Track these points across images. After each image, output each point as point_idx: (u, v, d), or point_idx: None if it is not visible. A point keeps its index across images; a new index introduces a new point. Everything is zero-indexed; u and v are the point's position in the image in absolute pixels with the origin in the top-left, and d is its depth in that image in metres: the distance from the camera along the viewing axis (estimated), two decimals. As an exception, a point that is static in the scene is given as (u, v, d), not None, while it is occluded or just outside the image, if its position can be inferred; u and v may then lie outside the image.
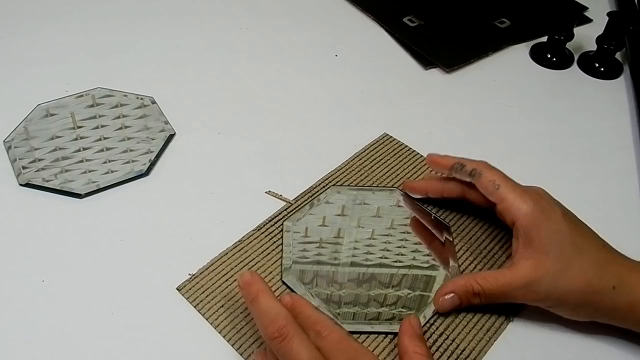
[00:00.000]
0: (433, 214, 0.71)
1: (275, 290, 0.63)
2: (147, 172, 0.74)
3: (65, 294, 0.62)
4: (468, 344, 0.60)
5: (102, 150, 0.76)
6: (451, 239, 0.69)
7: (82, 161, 0.75)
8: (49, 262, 0.65)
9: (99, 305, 0.61)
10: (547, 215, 0.59)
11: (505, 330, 0.61)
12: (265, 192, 0.73)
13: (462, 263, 0.67)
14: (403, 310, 0.62)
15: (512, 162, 0.69)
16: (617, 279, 0.57)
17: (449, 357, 0.59)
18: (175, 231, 0.69)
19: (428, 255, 0.67)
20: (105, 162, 0.75)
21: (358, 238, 0.68)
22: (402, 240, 0.69)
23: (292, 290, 0.62)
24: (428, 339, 0.60)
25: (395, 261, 0.66)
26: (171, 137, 0.79)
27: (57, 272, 0.64)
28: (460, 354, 0.59)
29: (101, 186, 0.72)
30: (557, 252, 0.58)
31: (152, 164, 0.75)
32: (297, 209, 0.71)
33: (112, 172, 0.74)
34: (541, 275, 0.57)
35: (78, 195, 0.71)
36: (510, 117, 0.85)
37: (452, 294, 0.61)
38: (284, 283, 0.63)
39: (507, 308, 0.62)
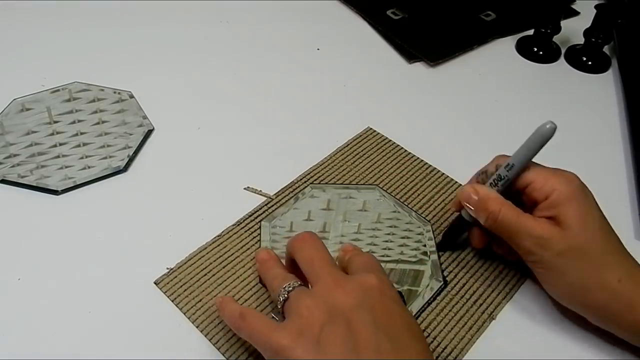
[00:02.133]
0: (414, 211, 0.70)
1: (253, 287, 0.62)
2: (125, 168, 0.73)
3: (42, 292, 0.61)
4: (450, 342, 0.59)
5: (78, 146, 0.75)
6: (433, 237, 0.68)
7: (58, 157, 0.74)
8: (25, 259, 0.64)
9: (76, 302, 0.60)
10: (584, 198, 0.58)
11: (488, 329, 0.60)
12: (244, 188, 0.71)
13: (445, 260, 0.66)
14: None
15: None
16: (625, 272, 0.56)
17: (430, 355, 0.58)
18: (153, 227, 0.68)
19: (415, 249, 0.67)
20: (82, 158, 0.73)
21: (344, 232, 0.68)
22: (389, 234, 0.68)
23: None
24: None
25: (383, 255, 0.66)
26: (150, 132, 0.78)
27: (33, 270, 0.63)
28: (442, 352, 0.58)
29: (78, 182, 0.71)
30: (578, 235, 0.56)
31: (130, 159, 0.74)
32: (278, 204, 0.70)
33: (89, 167, 0.72)
34: (559, 240, 0.56)
35: (54, 192, 0.70)
36: (496, 111, 0.85)
37: (475, 194, 0.60)
38: (261, 284, 0.62)
39: (488, 305, 0.62)
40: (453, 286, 0.64)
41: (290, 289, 0.53)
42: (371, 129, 0.80)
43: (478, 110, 0.85)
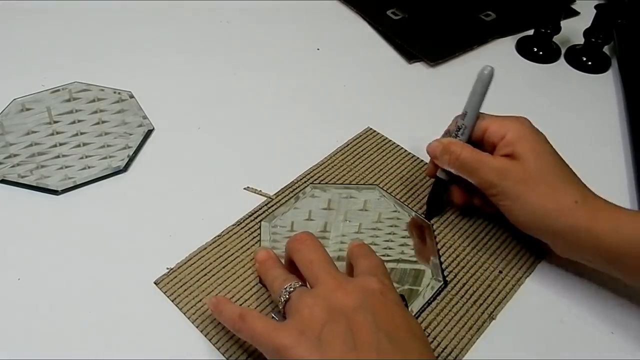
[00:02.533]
0: (414, 212, 0.70)
1: (253, 287, 0.62)
2: (125, 168, 0.73)
3: (42, 292, 0.61)
4: (450, 342, 0.59)
5: (78, 146, 0.75)
6: (432, 235, 0.68)
7: (58, 157, 0.74)
8: (25, 259, 0.64)
9: (76, 302, 0.60)
10: (534, 135, 0.63)
11: (488, 329, 0.60)
12: (244, 188, 0.71)
13: (445, 260, 0.66)
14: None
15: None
16: (581, 196, 0.60)
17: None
18: (153, 227, 0.67)
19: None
20: (82, 158, 0.73)
21: (345, 232, 0.68)
22: (389, 234, 0.68)
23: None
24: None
25: (383, 255, 0.65)
26: (150, 132, 0.78)
27: (33, 270, 0.63)
28: (442, 352, 0.58)
29: (78, 182, 0.71)
30: (533, 164, 0.61)
31: (130, 159, 0.74)
32: (278, 204, 0.70)
33: (89, 167, 0.72)
34: (516, 169, 0.61)
35: (54, 192, 0.70)
36: (496, 111, 0.84)
37: (439, 144, 0.66)
38: (261, 284, 0.62)
39: (488, 305, 0.62)
40: (453, 286, 0.63)
41: (292, 289, 0.53)
42: (371, 129, 0.80)
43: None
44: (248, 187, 0.72)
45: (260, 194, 0.71)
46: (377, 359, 0.47)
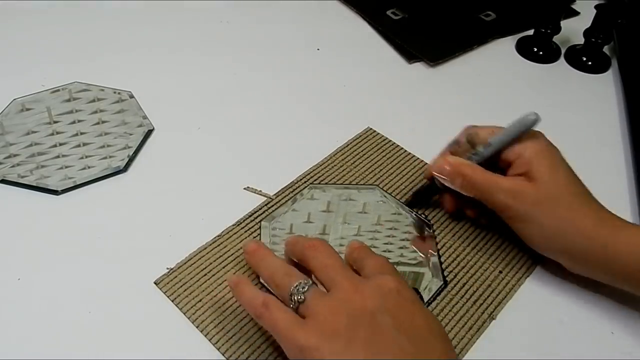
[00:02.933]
0: (414, 212, 0.70)
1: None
2: (125, 168, 0.73)
3: (42, 292, 0.61)
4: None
5: (78, 146, 0.75)
6: (433, 237, 0.68)
7: (58, 157, 0.74)
8: (25, 259, 0.64)
9: (76, 302, 0.60)
10: (551, 156, 0.62)
11: (488, 329, 0.60)
12: (244, 188, 0.71)
13: (445, 260, 0.66)
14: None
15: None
16: (597, 217, 0.59)
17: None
18: (153, 227, 0.67)
19: (415, 251, 0.67)
20: (82, 158, 0.73)
21: (344, 235, 0.68)
22: (389, 236, 0.68)
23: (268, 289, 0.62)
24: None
25: (382, 258, 0.65)
26: (150, 132, 0.78)
27: (33, 270, 0.63)
28: (442, 352, 0.58)
29: (78, 182, 0.71)
30: (549, 185, 0.60)
31: (130, 159, 0.74)
32: (278, 204, 0.70)
33: (89, 167, 0.72)
34: (532, 191, 0.60)
35: (54, 192, 0.70)
36: (496, 111, 0.84)
37: (448, 164, 0.65)
38: (261, 284, 0.62)
39: (488, 305, 0.62)
40: (453, 286, 0.63)
41: (304, 289, 0.53)
42: (371, 129, 0.80)
43: (478, 110, 0.85)
44: (248, 187, 0.72)
45: (260, 194, 0.71)
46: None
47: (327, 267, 0.55)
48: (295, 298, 0.52)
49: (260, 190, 0.71)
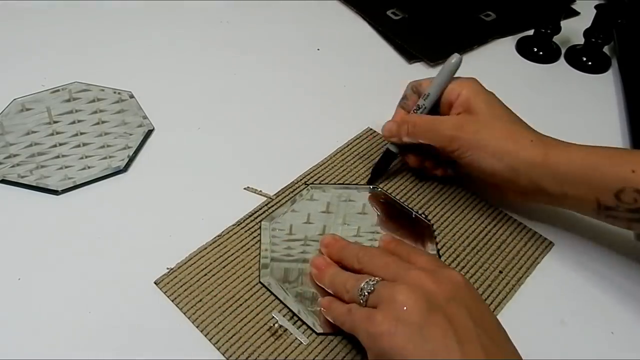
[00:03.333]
0: (414, 212, 0.70)
1: (253, 287, 0.62)
2: (125, 169, 0.73)
3: (42, 292, 0.61)
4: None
5: (78, 146, 0.75)
6: (433, 237, 0.68)
7: (58, 157, 0.74)
8: (25, 259, 0.64)
9: (76, 302, 0.60)
10: (485, 93, 0.68)
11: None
12: (244, 188, 0.71)
13: (445, 260, 0.66)
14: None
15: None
16: (535, 136, 0.64)
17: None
18: (153, 227, 0.67)
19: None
20: (82, 158, 0.73)
21: (344, 235, 0.67)
22: (387, 237, 0.68)
23: (268, 289, 0.62)
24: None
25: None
26: (150, 132, 0.78)
27: (33, 270, 0.63)
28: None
29: (78, 183, 0.71)
30: (487, 114, 0.66)
31: (130, 159, 0.74)
32: (278, 204, 0.70)
33: (89, 168, 0.72)
34: (473, 120, 0.66)
35: (55, 192, 0.70)
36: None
37: (394, 123, 0.71)
38: (261, 284, 0.62)
39: (489, 305, 0.62)
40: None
41: (374, 282, 0.53)
42: (371, 129, 0.80)
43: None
44: (248, 187, 0.72)
45: (261, 194, 0.71)
46: (485, 358, 0.48)
47: (388, 264, 0.56)
48: (365, 291, 0.53)
49: (260, 191, 0.71)
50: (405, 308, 0.49)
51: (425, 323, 0.48)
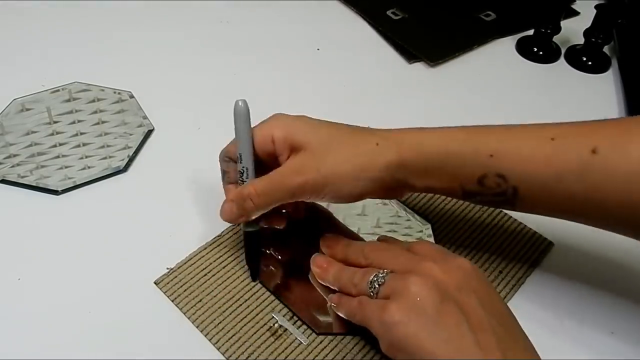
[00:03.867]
0: (415, 212, 0.70)
1: (253, 287, 0.62)
2: (125, 168, 0.73)
3: (42, 292, 0.61)
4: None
5: (78, 146, 0.75)
6: (431, 236, 0.68)
7: (58, 157, 0.74)
8: (25, 259, 0.64)
9: (76, 301, 0.60)
10: (297, 120, 0.60)
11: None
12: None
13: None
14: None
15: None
16: (379, 137, 0.58)
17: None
18: (153, 227, 0.68)
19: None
20: (82, 158, 0.74)
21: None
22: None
23: (268, 289, 0.62)
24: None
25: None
26: (150, 132, 0.78)
27: (33, 270, 0.63)
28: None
29: (78, 182, 0.71)
30: (317, 140, 0.58)
31: (130, 159, 0.74)
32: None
33: (89, 168, 0.73)
34: (309, 157, 0.57)
35: (55, 192, 0.70)
36: (496, 111, 0.84)
37: (230, 205, 0.60)
38: (261, 284, 0.63)
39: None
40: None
41: (384, 274, 0.53)
42: (371, 129, 0.80)
43: (478, 110, 0.85)
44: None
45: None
46: (498, 345, 0.48)
47: (398, 256, 0.55)
48: (376, 284, 0.53)
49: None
50: (418, 298, 0.49)
51: (438, 312, 0.48)
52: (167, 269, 0.63)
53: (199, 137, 0.78)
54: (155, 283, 0.62)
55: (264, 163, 0.60)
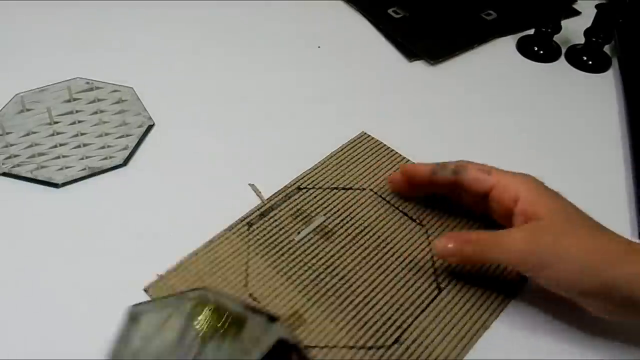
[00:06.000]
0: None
1: (245, 293, 0.62)
2: (124, 163, 0.74)
3: (42, 289, 0.62)
4: (442, 351, 0.58)
5: (79, 146, 0.75)
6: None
7: (58, 157, 0.74)
8: (24, 255, 0.65)
9: (76, 301, 0.61)
10: (548, 192, 0.58)
11: (482, 338, 0.60)
12: (249, 184, 0.72)
13: (442, 263, 0.66)
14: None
15: (499, 157, 0.67)
16: (624, 241, 0.55)
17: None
18: (152, 225, 0.68)
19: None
20: (82, 159, 0.74)
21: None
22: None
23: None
24: (401, 345, 0.59)
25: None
26: (150, 128, 0.78)
27: (32, 265, 0.64)
28: (440, 353, 0.58)
29: (77, 176, 0.72)
30: (561, 218, 0.55)
31: (131, 154, 0.75)
32: (270, 209, 0.70)
33: (89, 168, 0.73)
34: (542, 234, 0.55)
35: (55, 185, 0.71)
36: (496, 110, 0.84)
37: (450, 243, 0.60)
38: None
39: (484, 311, 0.62)
40: (448, 292, 0.63)
41: None
42: (365, 133, 0.80)
43: (478, 109, 0.85)
44: (253, 184, 0.72)
45: (259, 196, 0.71)
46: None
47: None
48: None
49: (260, 192, 0.71)
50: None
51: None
52: (157, 275, 0.63)
53: (198, 136, 0.78)
54: (144, 290, 0.62)
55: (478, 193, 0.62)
